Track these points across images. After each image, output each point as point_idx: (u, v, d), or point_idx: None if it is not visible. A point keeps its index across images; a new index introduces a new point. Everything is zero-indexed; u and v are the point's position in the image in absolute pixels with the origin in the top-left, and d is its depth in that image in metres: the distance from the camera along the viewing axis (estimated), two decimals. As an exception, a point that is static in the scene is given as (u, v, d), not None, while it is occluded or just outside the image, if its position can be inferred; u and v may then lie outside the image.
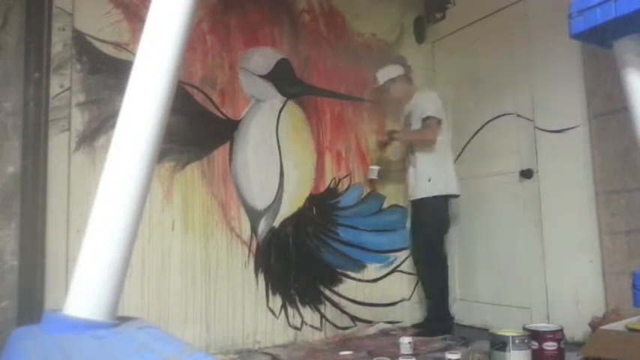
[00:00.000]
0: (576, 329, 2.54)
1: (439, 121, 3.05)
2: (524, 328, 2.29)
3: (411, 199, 3.20)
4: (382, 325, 3.14)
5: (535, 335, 2.22)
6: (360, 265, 3.25)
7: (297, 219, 3.04)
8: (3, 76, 2.19)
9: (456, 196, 3.14)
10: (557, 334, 2.23)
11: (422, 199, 3.09)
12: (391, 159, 3.38)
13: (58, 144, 2.32)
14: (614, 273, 2.50)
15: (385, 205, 3.39)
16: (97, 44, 2.48)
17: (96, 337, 0.79)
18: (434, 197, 3.04)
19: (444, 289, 3.11)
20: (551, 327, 2.31)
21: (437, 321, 3.06)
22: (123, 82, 0.93)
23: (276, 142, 3.01)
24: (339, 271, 3.16)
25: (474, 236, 3.33)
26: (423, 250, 3.18)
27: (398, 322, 3.23)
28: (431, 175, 3.05)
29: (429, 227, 3.10)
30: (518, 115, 3.05)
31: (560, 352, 2.20)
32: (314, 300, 3.03)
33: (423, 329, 3.04)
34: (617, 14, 1.17)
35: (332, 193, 3.20)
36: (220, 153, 2.81)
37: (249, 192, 2.88)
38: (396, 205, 3.36)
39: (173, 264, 2.59)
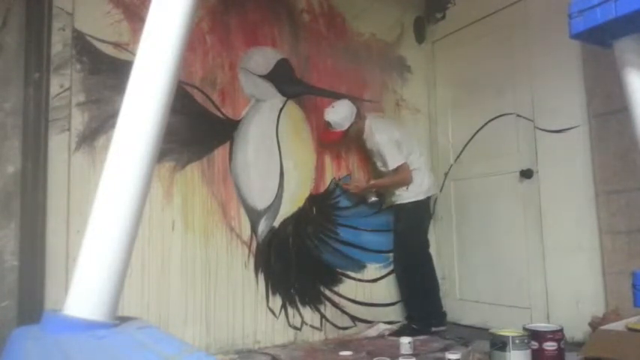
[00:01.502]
0: (576, 329, 2.55)
1: (405, 163, 3.10)
2: (524, 328, 2.28)
3: (394, 203, 3.23)
4: (382, 326, 3.14)
5: (535, 335, 2.22)
6: (360, 265, 3.25)
7: (297, 219, 3.03)
8: (3, 76, 2.19)
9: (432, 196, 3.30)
10: (557, 334, 2.23)
11: (401, 203, 3.17)
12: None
13: (58, 144, 2.32)
14: (614, 273, 2.50)
15: (385, 206, 3.39)
16: (97, 44, 2.47)
17: (96, 337, 0.79)
18: (411, 202, 3.14)
19: (423, 289, 3.15)
20: (551, 327, 2.31)
21: (413, 320, 3.10)
22: (123, 82, 0.93)
23: (276, 142, 3.01)
24: (339, 271, 3.16)
25: (473, 236, 3.33)
26: (401, 253, 3.22)
27: (398, 322, 3.23)
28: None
29: (407, 229, 3.17)
30: (518, 115, 3.05)
31: (560, 352, 2.20)
32: (314, 300, 3.03)
33: (401, 329, 3.08)
34: (617, 14, 1.17)
35: (332, 193, 3.20)
36: (220, 153, 2.81)
37: (249, 192, 2.88)
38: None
39: (173, 264, 2.59)
